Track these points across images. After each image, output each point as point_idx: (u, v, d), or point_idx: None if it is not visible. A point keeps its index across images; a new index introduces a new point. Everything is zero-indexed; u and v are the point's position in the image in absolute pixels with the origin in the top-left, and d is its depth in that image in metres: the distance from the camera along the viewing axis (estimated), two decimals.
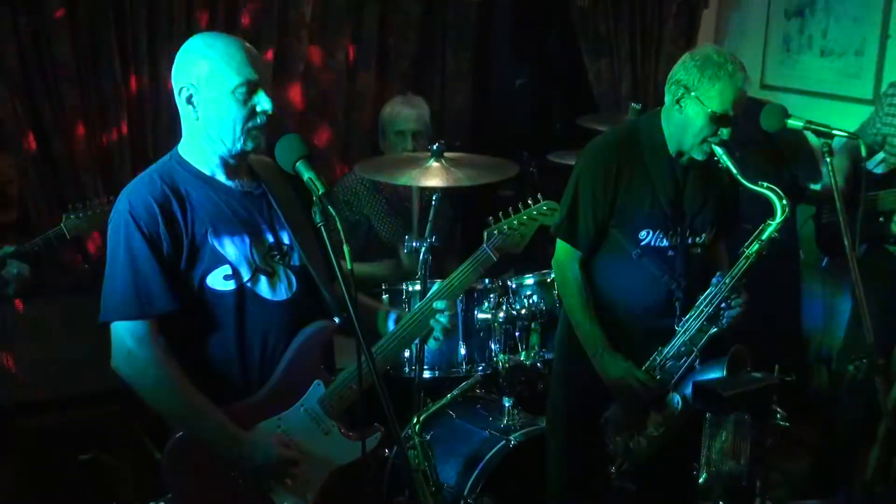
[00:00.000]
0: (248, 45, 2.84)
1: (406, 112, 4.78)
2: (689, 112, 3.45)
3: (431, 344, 3.12)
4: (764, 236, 3.43)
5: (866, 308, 3.33)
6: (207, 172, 2.90)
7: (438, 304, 3.04)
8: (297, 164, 2.69)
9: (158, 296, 2.77)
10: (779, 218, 3.40)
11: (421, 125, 4.78)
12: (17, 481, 4.14)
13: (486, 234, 3.12)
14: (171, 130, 4.67)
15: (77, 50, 4.41)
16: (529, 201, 3.25)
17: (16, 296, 4.10)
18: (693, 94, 3.42)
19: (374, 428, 2.99)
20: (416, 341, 3.29)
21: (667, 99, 3.56)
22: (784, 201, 3.39)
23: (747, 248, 3.46)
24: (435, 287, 3.13)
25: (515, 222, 3.17)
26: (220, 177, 2.91)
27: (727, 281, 3.47)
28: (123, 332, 2.78)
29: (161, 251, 2.78)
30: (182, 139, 2.93)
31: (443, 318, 3.03)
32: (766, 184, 3.42)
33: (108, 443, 4.23)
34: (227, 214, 2.87)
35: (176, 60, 2.85)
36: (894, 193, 4.41)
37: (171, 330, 2.84)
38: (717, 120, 3.40)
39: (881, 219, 4.45)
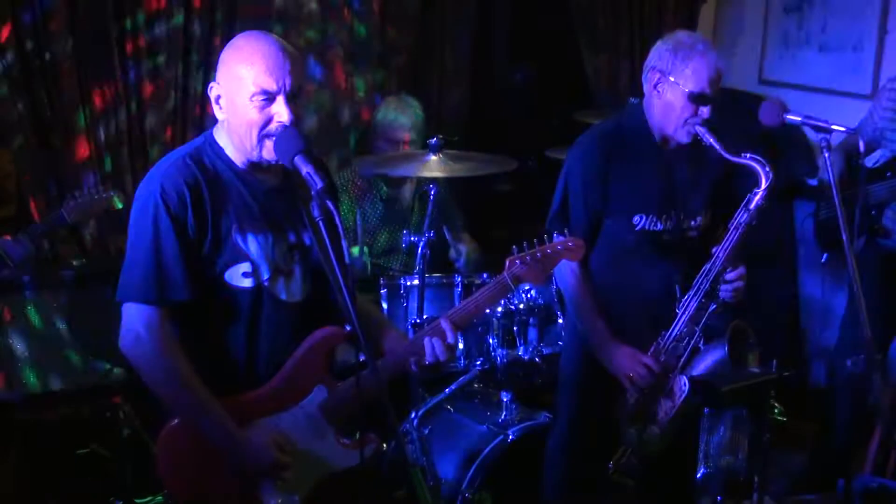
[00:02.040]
0: (282, 48, 2.77)
1: (400, 120, 4.77)
2: (667, 96, 3.52)
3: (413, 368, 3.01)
4: (751, 206, 3.46)
5: (864, 303, 3.33)
6: (238, 164, 2.88)
7: (445, 326, 2.98)
8: (296, 158, 2.68)
9: (177, 284, 2.76)
10: (763, 185, 3.43)
11: (414, 133, 4.78)
12: (15, 476, 4.14)
13: (507, 262, 3.08)
14: (169, 124, 4.68)
15: (76, 44, 4.40)
16: (556, 235, 3.18)
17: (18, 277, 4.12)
18: (669, 77, 3.50)
19: (371, 439, 2.98)
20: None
21: (645, 88, 3.63)
22: (767, 168, 3.43)
23: (736, 218, 3.49)
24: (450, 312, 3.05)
25: (539, 255, 3.09)
26: (251, 169, 2.88)
27: (720, 254, 3.49)
28: (135, 315, 2.77)
29: (186, 237, 2.76)
30: (217, 124, 2.91)
31: (437, 344, 2.96)
32: (748, 154, 3.45)
33: (106, 437, 4.22)
34: (253, 210, 2.86)
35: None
36: (886, 187, 4.42)
37: (183, 318, 2.83)
38: (695, 99, 3.47)
39: (873, 212, 4.46)
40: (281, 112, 2.75)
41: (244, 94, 2.75)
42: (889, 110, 4.48)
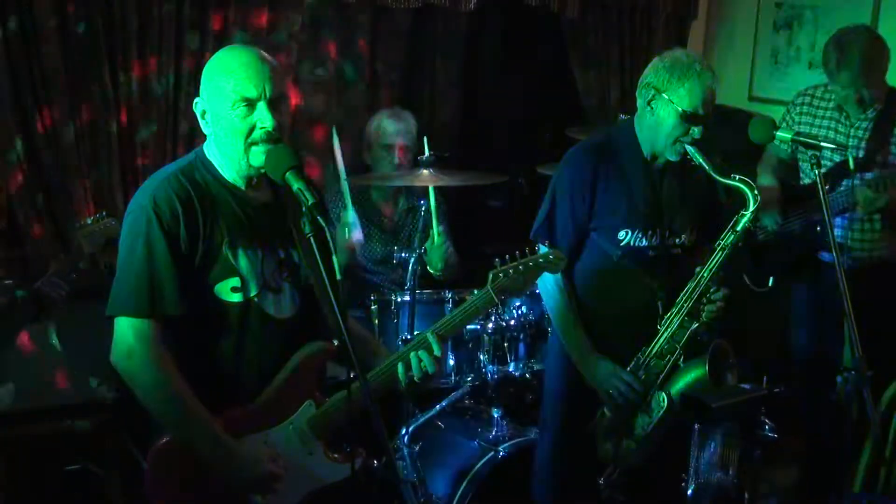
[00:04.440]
0: (260, 57, 2.81)
1: (394, 126, 4.79)
2: (660, 113, 3.53)
3: (402, 381, 2.97)
4: (738, 227, 3.48)
5: (853, 320, 3.33)
6: (229, 179, 2.89)
7: (430, 339, 2.99)
8: (287, 174, 2.69)
9: (169, 297, 2.76)
10: (752, 207, 3.45)
11: (408, 139, 4.79)
12: (4, 492, 4.12)
13: (490, 275, 3.09)
14: (159, 138, 4.68)
15: (66, 57, 4.40)
16: (537, 247, 3.19)
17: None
18: (663, 94, 3.50)
19: (358, 452, 2.98)
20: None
21: (638, 103, 3.63)
22: (755, 191, 3.43)
23: (723, 239, 3.50)
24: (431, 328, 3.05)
25: (521, 267, 3.10)
26: (241, 185, 2.90)
27: (705, 274, 3.50)
28: (127, 329, 2.77)
29: (178, 251, 2.77)
30: (207, 141, 2.93)
31: (425, 357, 2.95)
32: (738, 176, 3.46)
33: (96, 453, 4.21)
34: (244, 225, 2.87)
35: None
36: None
37: (173, 332, 2.83)
38: (687, 119, 3.47)
39: (818, 228, 4.47)
40: (263, 118, 2.77)
41: (226, 103, 2.78)
42: (804, 125, 4.56)
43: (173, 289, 2.77)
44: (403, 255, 4.18)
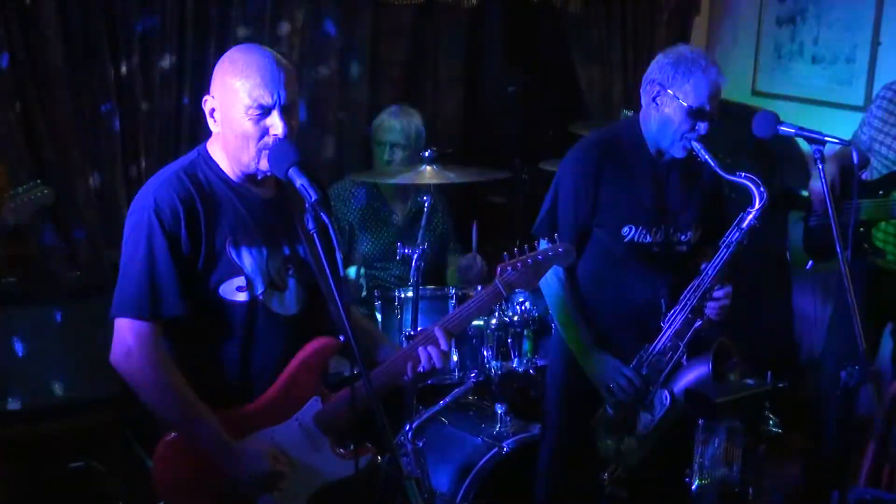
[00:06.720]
0: (276, 62, 2.78)
1: (391, 123, 4.78)
2: (665, 109, 3.51)
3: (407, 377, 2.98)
4: (744, 224, 3.45)
5: (857, 314, 3.33)
6: (233, 177, 2.88)
7: (438, 333, 2.98)
8: (290, 170, 2.68)
9: (170, 299, 2.76)
10: (757, 205, 3.43)
11: (402, 138, 4.76)
12: (7, 490, 4.12)
13: (498, 269, 3.08)
14: (162, 137, 4.67)
15: (69, 56, 4.40)
16: (546, 241, 3.18)
17: None
18: (669, 90, 3.48)
19: (366, 448, 2.98)
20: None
21: (643, 100, 3.61)
22: (762, 188, 3.42)
23: (728, 237, 3.48)
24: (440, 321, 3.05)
25: (530, 261, 3.10)
26: (245, 182, 2.89)
27: (710, 271, 3.48)
28: (127, 330, 2.76)
29: (180, 253, 2.76)
30: (211, 138, 2.91)
31: (433, 352, 2.95)
32: (743, 173, 3.44)
33: (99, 451, 4.21)
34: (248, 223, 2.86)
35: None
36: (875, 204, 4.38)
37: (177, 332, 2.83)
38: (693, 115, 3.45)
39: (861, 229, 4.43)
40: (276, 125, 2.75)
41: (239, 107, 2.75)
42: (877, 119, 4.48)
43: (174, 291, 2.76)
44: (407, 250, 4.17)
